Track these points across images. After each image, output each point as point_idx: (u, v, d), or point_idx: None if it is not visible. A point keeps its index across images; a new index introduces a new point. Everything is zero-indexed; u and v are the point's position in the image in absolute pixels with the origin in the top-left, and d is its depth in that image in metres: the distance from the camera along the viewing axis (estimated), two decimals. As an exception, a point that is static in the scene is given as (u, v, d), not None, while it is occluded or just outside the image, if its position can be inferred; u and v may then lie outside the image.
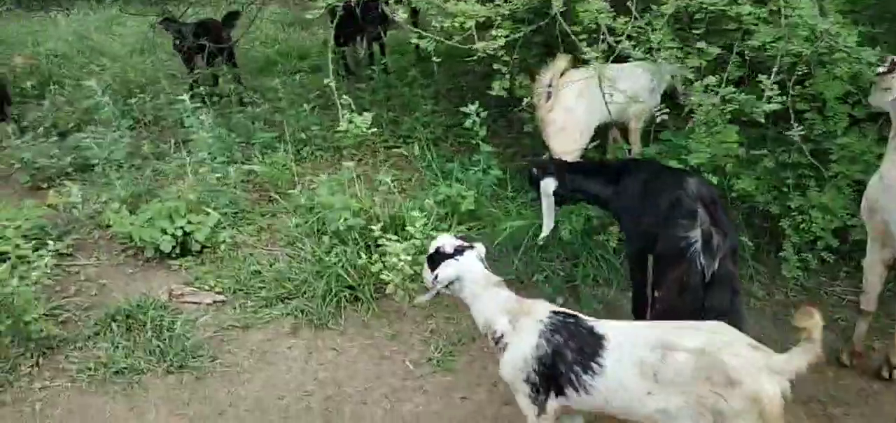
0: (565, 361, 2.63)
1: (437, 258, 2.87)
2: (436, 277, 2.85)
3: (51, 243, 4.35)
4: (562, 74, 4.84)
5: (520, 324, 2.75)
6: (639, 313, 3.74)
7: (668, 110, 3.99)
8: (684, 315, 3.04)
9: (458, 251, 2.86)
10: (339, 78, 8.52)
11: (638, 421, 2.60)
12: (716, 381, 2.38)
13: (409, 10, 5.82)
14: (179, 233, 4.81)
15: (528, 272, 4.43)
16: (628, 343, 2.57)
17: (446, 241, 2.93)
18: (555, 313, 2.75)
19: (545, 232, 3.98)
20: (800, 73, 3.70)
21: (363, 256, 4.22)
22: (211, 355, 4.04)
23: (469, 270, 2.84)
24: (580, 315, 2.78)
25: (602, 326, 2.69)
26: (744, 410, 2.35)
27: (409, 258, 3.94)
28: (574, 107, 4.82)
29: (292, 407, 3.68)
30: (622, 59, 4.11)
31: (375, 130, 6.53)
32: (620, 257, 4.39)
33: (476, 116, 4.91)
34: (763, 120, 3.77)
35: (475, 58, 4.78)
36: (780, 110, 3.85)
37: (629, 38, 3.90)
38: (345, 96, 4.38)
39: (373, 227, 4.25)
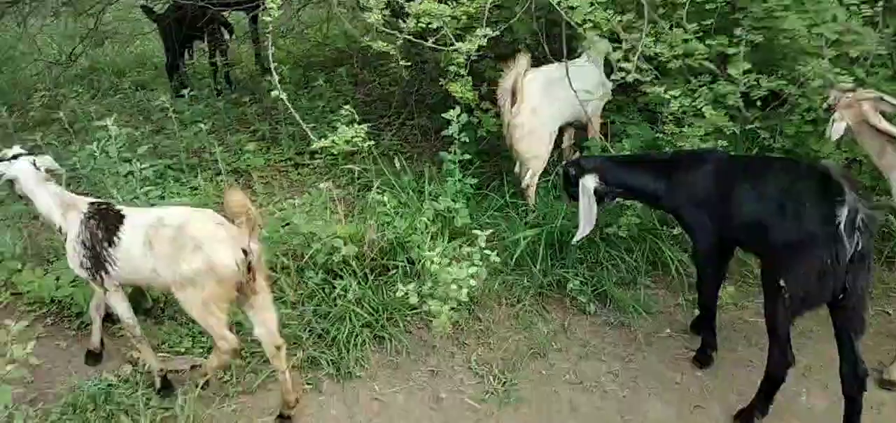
0: (98, 240, 3.26)
1: None
2: None
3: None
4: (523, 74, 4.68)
5: (69, 216, 3.35)
6: (706, 309, 3.68)
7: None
8: (821, 301, 3.02)
9: (15, 157, 3.43)
10: (176, 92, 7.69)
11: (144, 280, 3.35)
12: (186, 248, 3.06)
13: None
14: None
15: (552, 282, 4.18)
16: (140, 222, 3.24)
17: (10, 150, 3.48)
18: (92, 203, 3.38)
19: (583, 233, 3.76)
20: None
21: (400, 286, 3.65)
22: (235, 432, 3.27)
23: (20, 170, 3.40)
24: (113, 202, 3.49)
25: (125, 210, 3.35)
26: (203, 271, 3.04)
27: (473, 284, 3.48)
28: (540, 108, 4.66)
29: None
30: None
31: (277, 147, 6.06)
32: (634, 256, 4.31)
33: (457, 121, 4.53)
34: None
35: (400, 64, 4.49)
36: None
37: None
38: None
39: (415, 250, 3.71)
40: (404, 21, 4.26)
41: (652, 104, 5.03)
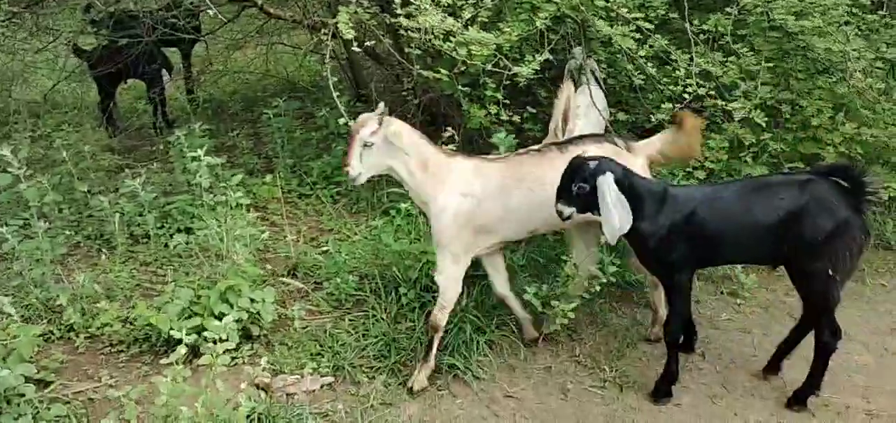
0: None
1: None
2: None
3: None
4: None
5: None
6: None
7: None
8: None
9: None
10: (112, 134, 7.53)
11: None
12: None
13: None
14: (244, 316, 3.77)
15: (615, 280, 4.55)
16: None
17: None
18: None
19: (623, 230, 3.37)
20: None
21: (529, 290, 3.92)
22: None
23: None
24: None
25: None
26: None
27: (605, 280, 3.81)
28: (585, 129, 5.02)
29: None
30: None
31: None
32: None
33: (504, 143, 4.84)
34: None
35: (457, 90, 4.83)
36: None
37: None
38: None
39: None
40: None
41: (640, 122, 5.65)
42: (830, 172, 3.45)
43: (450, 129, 4.17)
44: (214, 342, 3.01)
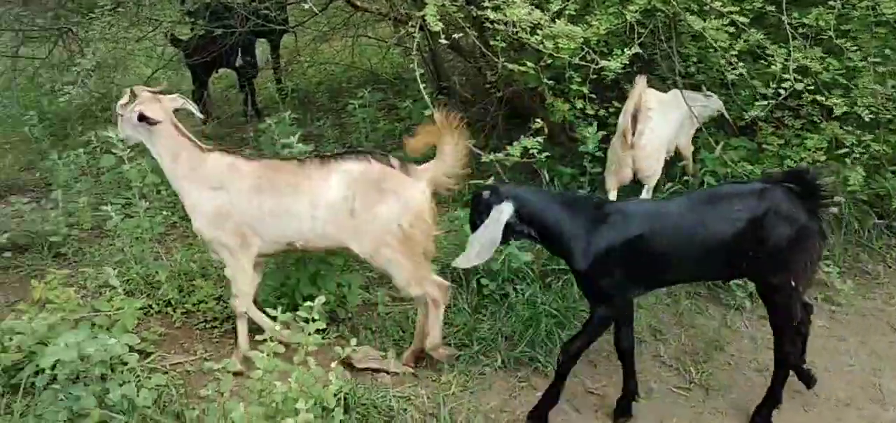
0: None
1: None
2: None
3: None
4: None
5: None
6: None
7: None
8: None
9: None
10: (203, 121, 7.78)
11: None
12: None
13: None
14: (331, 299, 3.88)
15: (706, 283, 4.48)
16: None
17: None
18: None
19: (473, 261, 3.27)
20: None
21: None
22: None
23: None
24: None
25: None
26: None
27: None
28: (657, 127, 4.92)
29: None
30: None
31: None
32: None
33: (593, 138, 4.81)
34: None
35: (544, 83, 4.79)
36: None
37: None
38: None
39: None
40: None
41: (732, 120, 5.48)
42: (784, 179, 3.33)
43: (539, 120, 4.14)
44: (306, 322, 3.11)
